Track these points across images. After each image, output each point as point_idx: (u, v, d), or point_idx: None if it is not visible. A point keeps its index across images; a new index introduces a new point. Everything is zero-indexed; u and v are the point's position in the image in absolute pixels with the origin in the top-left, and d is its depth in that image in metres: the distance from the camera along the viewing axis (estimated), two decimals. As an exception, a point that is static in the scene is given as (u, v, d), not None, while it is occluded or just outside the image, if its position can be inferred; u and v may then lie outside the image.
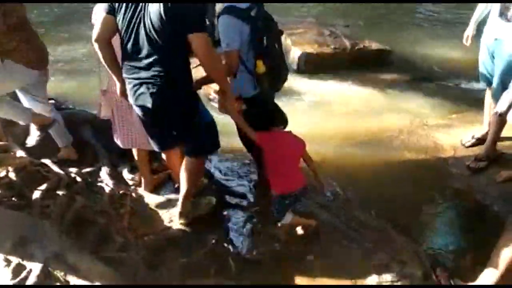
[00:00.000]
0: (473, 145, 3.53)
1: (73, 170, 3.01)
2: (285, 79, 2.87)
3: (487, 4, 3.15)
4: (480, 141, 3.50)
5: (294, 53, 5.10)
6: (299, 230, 2.73)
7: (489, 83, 3.25)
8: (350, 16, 6.85)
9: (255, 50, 2.61)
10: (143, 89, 2.26)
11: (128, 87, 2.36)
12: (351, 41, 5.19)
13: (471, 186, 3.22)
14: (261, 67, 2.63)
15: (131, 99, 2.39)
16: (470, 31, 3.36)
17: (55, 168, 2.90)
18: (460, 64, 4.93)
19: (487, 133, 3.41)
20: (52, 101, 3.77)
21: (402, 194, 3.21)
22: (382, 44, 5.31)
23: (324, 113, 4.27)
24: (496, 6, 2.99)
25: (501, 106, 1.91)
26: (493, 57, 3.11)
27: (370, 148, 3.74)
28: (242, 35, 2.56)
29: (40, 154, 3.09)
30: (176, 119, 2.41)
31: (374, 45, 5.21)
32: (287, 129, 2.60)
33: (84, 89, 4.54)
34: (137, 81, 2.28)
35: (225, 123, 2.98)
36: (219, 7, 2.61)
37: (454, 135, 3.74)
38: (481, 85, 3.36)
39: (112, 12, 2.23)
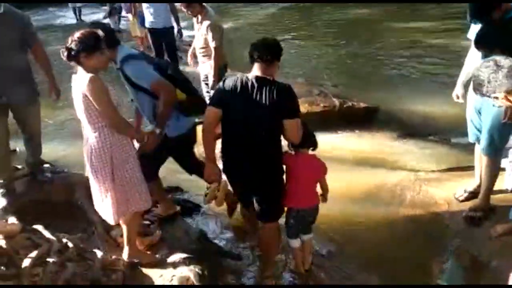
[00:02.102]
0: (466, 199, 3.55)
1: (65, 235, 2.95)
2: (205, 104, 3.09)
3: (474, 64, 3.30)
4: (473, 194, 3.52)
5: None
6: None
7: (477, 138, 3.34)
8: (338, 75, 7.11)
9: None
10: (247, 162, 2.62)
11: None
12: (339, 99, 5.36)
13: (468, 242, 3.20)
14: (180, 94, 2.91)
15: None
16: (459, 91, 3.48)
17: (47, 234, 2.85)
18: (447, 119, 5.06)
19: (478, 186, 3.46)
20: (47, 165, 3.79)
21: (399, 252, 3.19)
22: (370, 101, 5.47)
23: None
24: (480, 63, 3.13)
25: (509, 184, 1.98)
26: (480, 113, 3.22)
27: (366, 205, 3.76)
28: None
29: (32, 218, 3.04)
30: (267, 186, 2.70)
31: (362, 103, 5.36)
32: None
33: (78, 152, 4.55)
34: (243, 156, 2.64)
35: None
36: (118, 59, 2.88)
37: (447, 189, 3.77)
38: (470, 140, 3.43)
39: (219, 106, 2.62)
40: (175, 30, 6.31)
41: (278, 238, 2.89)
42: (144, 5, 6.19)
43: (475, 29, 3.06)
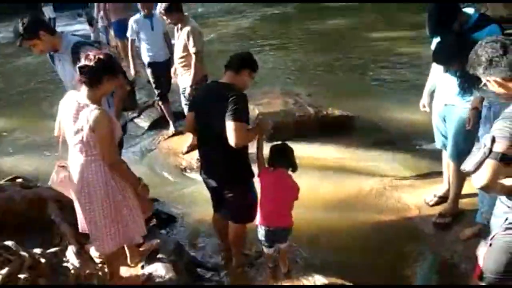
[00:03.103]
0: (436, 204, 3.65)
1: (37, 250, 2.91)
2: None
3: (437, 75, 3.41)
4: (442, 199, 3.63)
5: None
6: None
7: (444, 145, 3.45)
8: (314, 85, 7.21)
9: None
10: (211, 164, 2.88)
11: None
12: (314, 109, 5.41)
13: (438, 245, 3.29)
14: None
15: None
16: (424, 100, 3.59)
17: (19, 250, 2.81)
18: (420, 126, 5.16)
19: (447, 190, 3.57)
20: (19, 180, 3.74)
21: (371, 256, 3.26)
22: (345, 110, 5.55)
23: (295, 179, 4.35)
24: (441, 74, 3.26)
25: (468, 165, 1.98)
26: (445, 121, 3.34)
27: (338, 210, 3.83)
28: None
29: (3, 233, 3.00)
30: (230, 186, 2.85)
31: (337, 112, 5.44)
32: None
33: (49, 166, 4.52)
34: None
35: (199, 192, 3.06)
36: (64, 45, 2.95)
37: (418, 194, 3.87)
38: (437, 146, 3.55)
39: (192, 110, 2.94)
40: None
41: (242, 236, 3.04)
42: (142, 37, 5.43)
43: (437, 41, 3.18)
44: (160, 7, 4.53)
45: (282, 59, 9.20)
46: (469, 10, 3.02)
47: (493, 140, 1.85)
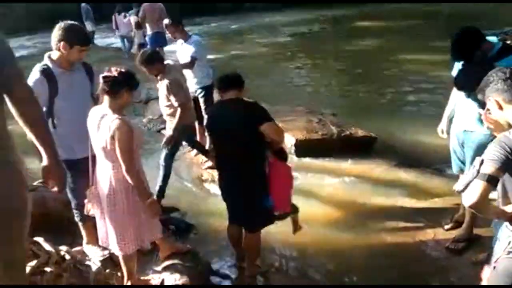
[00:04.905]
0: (452, 228, 3.65)
1: (63, 248, 3.12)
2: None
3: (457, 100, 3.45)
4: (458, 223, 3.62)
5: (285, 139, 5.38)
6: None
7: (461, 170, 3.46)
8: (339, 104, 7.30)
9: None
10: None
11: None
12: (338, 128, 5.48)
13: (449, 269, 3.30)
14: None
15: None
16: (444, 125, 3.63)
17: (47, 246, 3.02)
18: (442, 151, 5.12)
19: (463, 215, 3.56)
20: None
21: (379, 275, 3.31)
22: (369, 131, 5.59)
23: (312, 196, 4.44)
24: (462, 100, 3.30)
25: (459, 186, 2.09)
26: (463, 146, 3.36)
27: (353, 230, 3.88)
28: None
29: (33, 231, 3.22)
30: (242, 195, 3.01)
31: (360, 132, 5.48)
32: None
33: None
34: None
35: (217, 204, 3.20)
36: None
37: (435, 218, 3.87)
38: (454, 171, 3.56)
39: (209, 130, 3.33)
40: None
41: (257, 245, 3.14)
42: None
43: (458, 66, 3.24)
44: (138, 59, 4.15)
45: (310, 77, 9.36)
46: (493, 39, 3.08)
47: (482, 162, 1.93)
